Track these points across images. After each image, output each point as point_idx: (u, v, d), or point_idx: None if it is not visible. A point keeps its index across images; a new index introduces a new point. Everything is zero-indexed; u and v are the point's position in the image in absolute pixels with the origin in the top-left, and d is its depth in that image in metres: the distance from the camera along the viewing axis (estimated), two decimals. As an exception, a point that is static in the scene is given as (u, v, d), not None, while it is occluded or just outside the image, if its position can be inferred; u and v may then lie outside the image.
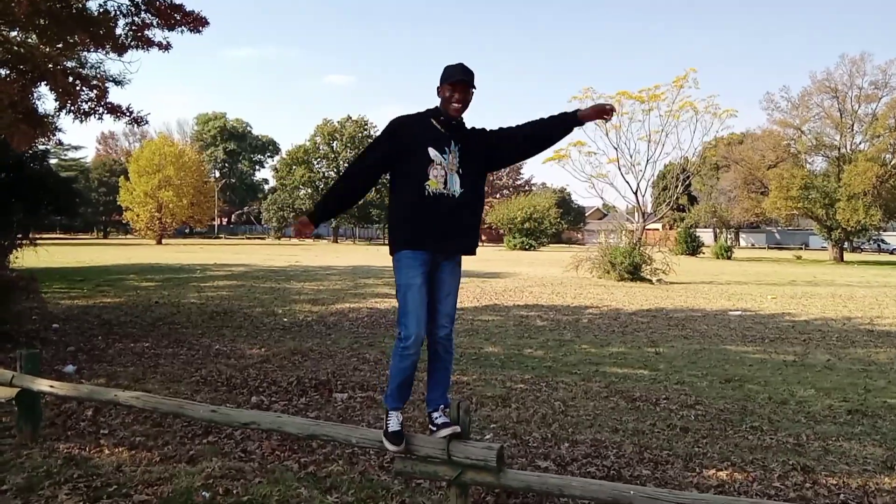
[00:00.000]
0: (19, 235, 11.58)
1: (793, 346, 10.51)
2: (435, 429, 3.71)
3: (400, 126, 3.86)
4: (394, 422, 3.74)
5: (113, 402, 4.72)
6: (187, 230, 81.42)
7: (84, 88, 9.11)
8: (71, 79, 9.00)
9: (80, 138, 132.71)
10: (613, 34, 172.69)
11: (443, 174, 3.74)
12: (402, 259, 3.76)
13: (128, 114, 9.55)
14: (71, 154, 71.42)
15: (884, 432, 5.87)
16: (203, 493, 4.04)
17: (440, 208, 3.71)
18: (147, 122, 9.91)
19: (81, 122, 9.16)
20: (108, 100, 9.36)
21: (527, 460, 4.92)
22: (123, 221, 67.74)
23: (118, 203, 64.08)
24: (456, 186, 3.77)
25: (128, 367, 7.89)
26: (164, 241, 61.70)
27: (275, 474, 4.41)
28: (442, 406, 3.76)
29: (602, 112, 3.86)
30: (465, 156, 3.84)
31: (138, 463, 4.61)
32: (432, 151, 3.74)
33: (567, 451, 5.13)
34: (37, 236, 12.77)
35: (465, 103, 3.80)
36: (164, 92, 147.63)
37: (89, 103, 9.14)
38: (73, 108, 9.01)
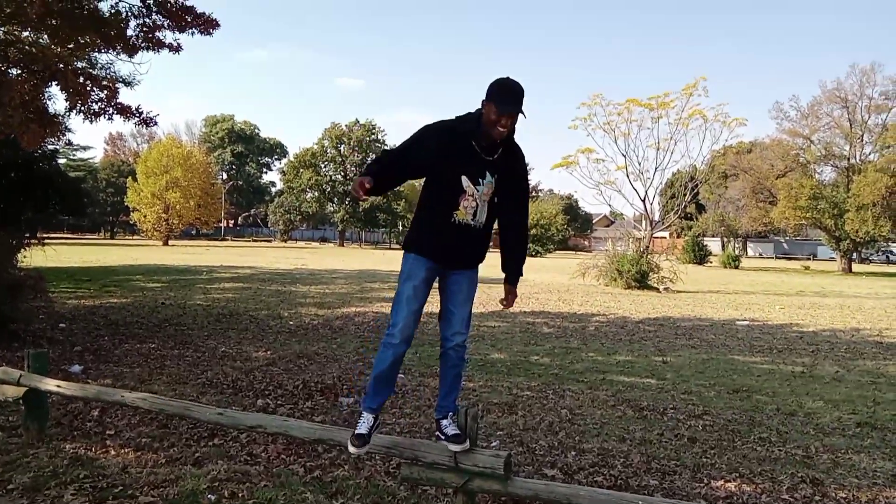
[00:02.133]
0: (27, 234, 11.63)
1: (801, 357, 10.45)
2: (443, 437, 3.67)
3: (433, 138, 3.59)
4: (362, 425, 3.67)
5: (119, 402, 4.71)
6: (194, 231, 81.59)
7: (94, 89, 9.15)
8: (82, 79, 9.03)
9: (88, 139, 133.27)
10: (623, 42, 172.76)
11: (473, 206, 3.60)
12: (410, 258, 3.74)
13: (137, 115, 9.58)
14: (79, 154, 71.77)
15: (893, 445, 5.82)
16: (209, 496, 4.02)
17: (463, 237, 3.62)
18: (156, 123, 9.94)
19: (91, 122, 9.19)
20: (118, 100, 9.39)
21: (533, 468, 4.88)
22: (130, 222, 67.92)
23: (126, 204, 64.22)
24: (483, 217, 3.67)
25: (134, 368, 7.89)
26: (170, 242, 61.83)
27: (280, 478, 4.39)
28: (451, 413, 3.73)
29: (508, 297, 4.08)
30: (500, 186, 3.67)
31: (144, 464, 4.60)
32: (465, 181, 3.56)
33: (574, 460, 5.10)
34: (45, 235, 12.83)
35: (513, 130, 3.54)
36: (172, 93, 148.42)
37: (99, 104, 9.17)
38: (83, 108, 9.04)
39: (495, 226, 3.91)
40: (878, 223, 41.75)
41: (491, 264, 3.87)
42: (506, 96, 3.41)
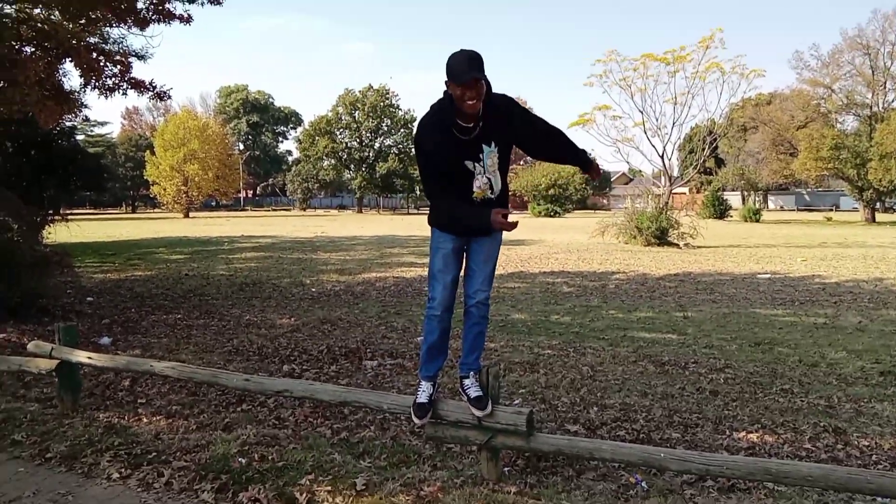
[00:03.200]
0: (51, 211, 11.80)
1: (823, 308, 10.41)
2: (466, 399, 3.74)
3: (427, 142, 3.61)
4: (422, 394, 3.79)
5: (149, 372, 4.82)
6: (214, 203, 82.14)
7: (108, 64, 9.17)
8: (95, 55, 9.05)
9: (104, 114, 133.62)
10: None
11: (486, 181, 3.63)
12: (436, 232, 3.79)
13: (151, 89, 9.60)
14: (97, 130, 72.14)
15: (917, 393, 5.82)
16: (239, 460, 4.12)
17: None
18: (170, 97, 9.96)
19: (106, 97, 9.24)
20: (131, 75, 9.41)
21: (556, 424, 4.95)
22: (151, 195, 68.44)
23: (145, 177, 64.71)
24: (499, 185, 3.70)
25: (161, 339, 8.04)
26: (191, 214, 62.37)
27: (308, 440, 4.49)
28: (473, 372, 3.79)
29: (594, 171, 3.93)
30: (503, 150, 3.68)
31: (176, 431, 4.72)
32: (469, 164, 3.59)
33: (596, 415, 5.16)
34: (68, 212, 13.00)
35: (481, 96, 3.45)
36: (186, 66, 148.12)
37: (113, 79, 9.20)
38: (97, 83, 9.07)
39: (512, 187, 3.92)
40: (902, 171, 41.05)
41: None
42: (459, 68, 3.38)
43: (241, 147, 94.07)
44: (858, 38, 44.75)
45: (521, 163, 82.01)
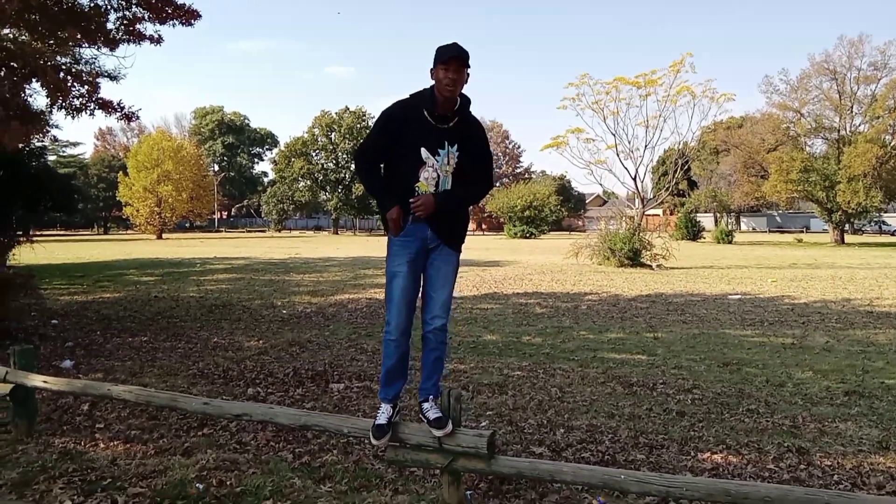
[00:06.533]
0: (18, 233, 11.60)
1: (792, 328, 10.51)
2: (425, 421, 3.71)
3: (391, 120, 3.70)
4: (381, 415, 3.75)
5: (107, 395, 4.72)
6: (188, 224, 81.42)
7: (75, 84, 9.09)
8: (62, 74, 8.96)
9: (77, 135, 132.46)
10: (610, 22, 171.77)
11: (435, 177, 3.64)
12: (392, 245, 3.76)
13: (119, 109, 9.52)
14: (69, 150, 71.55)
15: (880, 413, 5.87)
16: (197, 485, 4.04)
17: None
18: (138, 118, 9.89)
19: (73, 118, 9.15)
20: (99, 95, 9.33)
21: (521, 447, 4.92)
22: (124, 217, 67.60)
23: (118, 199, 63.96)
24: (448, 187, 3.70)
25: (125, 361, 7.90)
26: (164, 235, 61.71)
27: (269, 465, 4.41)
28: (432, 396, 3.76)
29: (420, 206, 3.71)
30: (465, 157, 3.71)
31: (133, 456, 4.62)
32: (424, 153, 3.62)
33: (562, 437, 5.13)
34: (36, 233, 12.80)
35: (458, 84, 3.58)
36: (160, 87, 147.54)
37: (80, 99, 9.11)
38: (64, 104, 8.98)
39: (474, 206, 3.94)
40: (869, 194, 41.88)
41: (484, 247, 3.86)
42: (444, 49, 3.59)
43: (216, 168, 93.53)
44: (825, 63, 45.76)
45: (497, 184, 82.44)
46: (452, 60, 3.54)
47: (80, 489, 4.07)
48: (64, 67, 9.54)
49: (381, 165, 3.81)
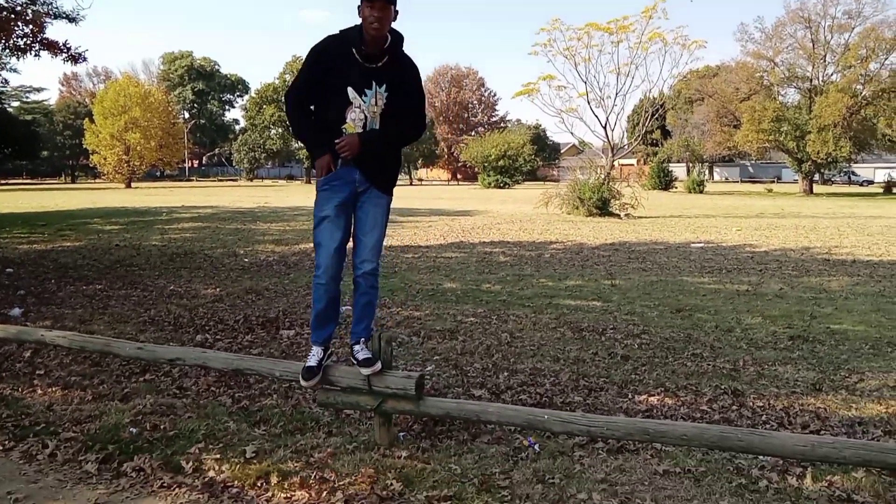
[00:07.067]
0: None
1: (748, 276, 10.65)
2: (355, 362, 3.71)
3: (321, 55, 3.58)
4: (311, 358, 3.75)
5: (40, 341, 4.66)
6: (158, 173, 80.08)
7: (19, 24, 8.75)
8: (4, 14, 8.62)
9: (42, 80, 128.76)
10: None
11: (362, 118, 3.55)
12: (319, 190, 3.69)
13: (66, 50, 9.21)
14: (33, 96, 69.68)
15: (820, 357, 5.98)
16: (131, 429, 4.02)
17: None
18: (85, 59, 9.57)
19: (18, 58, 8.91)
20: (44, 35, 9.00)
21: (462, 389, 4.95)
22: (91, 165, 66.22)
23: (84, 146, 62.55)
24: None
25: (76, 309, 7.80)
26: (133, 184, 60.69)
27: (206, 409, 4.40)
28: (363, 339, 3.74)
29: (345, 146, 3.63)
30: (395, 99, 3.61)
31: (70, 402, 4.58)
32: (351, 92, 3.52)
33: (504, 380, 5.17)
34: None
35: (384, 22, 3.43)
36: (127, 30, 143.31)
37: (24, 39, 8.79)
38: (7, 43, 8.66)
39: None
40: (838, 144, 42.25)
41: (457, 196, 3.81)
42: None
43: (186, 116, 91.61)
44: (800, 11, 45.67)
45: (472, 133, 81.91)
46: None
47: (13, 434, 4.03)
48: (7, 6, 9.18)
49: (312, 108, 3.71)
